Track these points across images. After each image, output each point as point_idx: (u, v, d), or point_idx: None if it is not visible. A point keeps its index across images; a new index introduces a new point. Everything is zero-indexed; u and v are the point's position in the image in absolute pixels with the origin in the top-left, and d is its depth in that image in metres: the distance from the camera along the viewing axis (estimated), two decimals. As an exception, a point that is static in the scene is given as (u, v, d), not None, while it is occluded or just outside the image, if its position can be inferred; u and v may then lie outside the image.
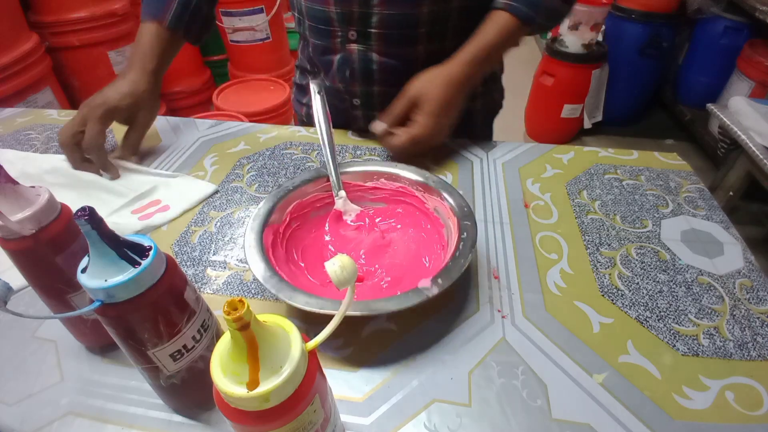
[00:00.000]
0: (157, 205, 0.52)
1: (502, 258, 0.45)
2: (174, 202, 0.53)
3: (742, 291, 0.42)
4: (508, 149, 0.62)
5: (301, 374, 0.22)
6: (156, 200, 0.53)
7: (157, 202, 0.53)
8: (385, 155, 0.60)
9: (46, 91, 1.47)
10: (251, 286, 0.43)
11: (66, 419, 0.33)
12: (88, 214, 0.23)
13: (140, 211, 0.52)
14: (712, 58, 1.88)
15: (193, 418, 0.33)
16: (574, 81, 1.91)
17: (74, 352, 0.37)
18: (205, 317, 0.30)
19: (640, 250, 0.46)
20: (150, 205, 0.53)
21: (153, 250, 0.25)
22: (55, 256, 0.30)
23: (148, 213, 0.51)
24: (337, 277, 0.23)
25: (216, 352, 0.22)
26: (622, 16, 1.92)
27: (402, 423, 0.32)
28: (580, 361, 0.36)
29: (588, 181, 0.55)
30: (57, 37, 1.53)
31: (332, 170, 0.48)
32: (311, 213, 0.48)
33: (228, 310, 0.19)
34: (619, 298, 0.41)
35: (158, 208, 0.52)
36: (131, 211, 0.52)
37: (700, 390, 0.34)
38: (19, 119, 0.71)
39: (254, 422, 0.22)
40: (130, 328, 0.26)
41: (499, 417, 0.32)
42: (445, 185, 0.46)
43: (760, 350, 0.37)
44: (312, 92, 0.52)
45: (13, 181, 0.29)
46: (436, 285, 0.35)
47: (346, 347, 0.37)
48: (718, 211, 0.51)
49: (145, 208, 0.52)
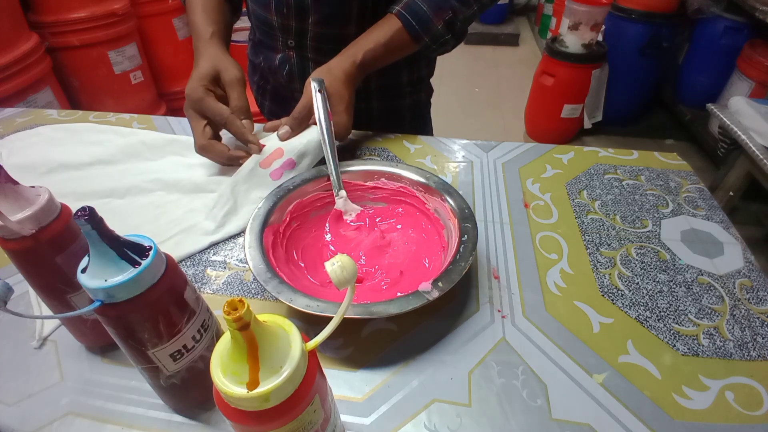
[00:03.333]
0: (281, 157, 0.51)
1: (502, 258, 0.45)
2: (297, 155, 0.51)
3: (742, 291, 0.42)
4: (508, 149, 0.62)
5: (301, 374, 0.22)
6: (279, 150, 0.52)
7: (280, 153, 0.52)
8: (385, 155, 0.60)
9: (46, 91, 1.47)
10: (251, 286, 0.43)
11: (66, 419, 0.33)
12: (88, 214, 0.23)
13: (267, 164, 0.51)
14: (712, 58, 1.88)
15: (193, 418, 0.33)
16: (574, 81, 1.91)
17: (74, 352, 0.37)
18: (205, 317, 0.30)
19: (640, 250, 0.46)
20: (274, 156, 0.51)
21: (153, 250, 0.25)
22: (55, 256, 0.30)
23: (275, 169, 0.51)
24: (337, 277, 0.23)
25: (216, 352, 0.22)
26: (622, 16, 1.92)
27: (402, 423, 0.32)
28: (580, 361, 0.36)
29: (588, 181, 0.55)
30: (57, 37, 1.53)
31: (333, 169, 0.48)
32: (311, 213, 0.48)
33: (228, 310, 0.19)
34: (619, 298, 0.41)
35: (284, 162, 0.51)
36: (259, 165, 0.51)
37: (700, 390, 0.34)
38: (19, 119, 0.71)
39: (254, 422, 0.22)
40: (130, 328, 0.26)
41: (499, 417, 0.32)
42: (446, 186, 0.46)
43: (760, 350, 0.37)
44: (312, 90, 0.52)
45: (13, 181, 0.28)
46: (437, 288, 0.35)
47: (346, 347, 0.37)
48: (718, 211, 0.51)
49: (270, 161, 0.51)
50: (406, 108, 0.74)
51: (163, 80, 1.94)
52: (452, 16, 0.57)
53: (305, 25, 0.61)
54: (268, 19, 0.63)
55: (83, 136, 0.63)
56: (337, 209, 0.48)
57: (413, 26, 0.56)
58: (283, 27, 0.62)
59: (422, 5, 0.56)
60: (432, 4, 0.56)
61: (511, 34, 3.09)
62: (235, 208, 0.50)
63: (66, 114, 0.72)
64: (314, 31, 0.61)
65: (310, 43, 0.63)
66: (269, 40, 0.67)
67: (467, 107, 2.42)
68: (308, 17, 0.60)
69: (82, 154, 0.58)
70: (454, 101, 2.44)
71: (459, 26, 0.59)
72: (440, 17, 0.57)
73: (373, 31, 0.57)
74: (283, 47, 0.65)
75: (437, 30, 0.57)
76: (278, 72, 0.67)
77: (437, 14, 0.56)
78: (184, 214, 0.50)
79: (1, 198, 0.28)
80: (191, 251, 0.46)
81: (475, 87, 2.62)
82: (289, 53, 0.65)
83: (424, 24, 0.56)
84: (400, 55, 0.60)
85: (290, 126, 0.53)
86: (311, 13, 0.60)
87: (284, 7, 0.60)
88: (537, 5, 3.17)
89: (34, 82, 1.42)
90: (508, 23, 3.18)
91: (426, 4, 0.56)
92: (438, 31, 0.57)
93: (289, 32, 0.63)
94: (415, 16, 0.56)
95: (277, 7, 0.61)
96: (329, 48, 0.60)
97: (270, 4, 0.61)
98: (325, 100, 0.51)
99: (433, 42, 0.58)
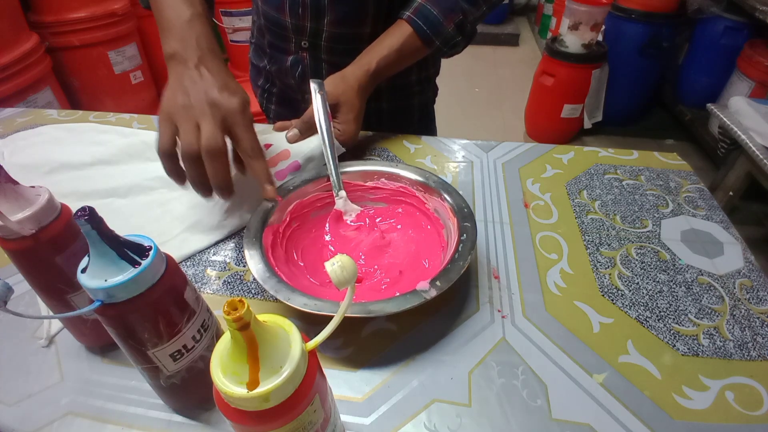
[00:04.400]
0: (288, 158, 0.51)
1: (502, 258, 0.45)
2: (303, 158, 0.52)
3: (742, 291, 0.42)
4: (508, 149, 0.62)
5: (301, 374, 0.22)
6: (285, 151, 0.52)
7: (287, 155, 0.52)
8: (385, 155, 0.60)
9: (46, 91, 1.47)
10: (251, 286, 0.43)
11: (66, 419, 0.33)
12: (88, 214, 0.23)
13: (273, 164, 0.51)
14: (712, 58, 1.88)
15: (193, 418, 0.33)
16: (574, 81, 1.91)
17: (74, 352, 0.37)
18: (205, 317, 0.30)
19: (640, 250, 0.46)
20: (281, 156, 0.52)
21: (153, 250, 0.25)
22: (55, 256, 0.30)
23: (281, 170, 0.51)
24: (336, 277, 0.23)
25: (216, 352, 0.22)
26: (622, 16, 1.92)
27: (402, 423, 0.32)
28: (580, 361, 0.36)
29: (588, 181, 0.55)
30: (57, 37, 1.54)
31: (332, 170, 0.48)
32: (311, 213, 0.48)
33: (228, 310, 0.19)
34: (619, 298, 0.41)
35: (289, 164, 0.51)
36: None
37: (700, 390, 0.34)
38: (19, 119, 0.71)
39: (254, 422, 0.22)
40: (130, 328, 0.26)
41: (499, 417, 0.32)
42: (446, 185, 0.46)
43: (760, 350, 0.37)
44: (312, 91, 0.52)
45: (13, 181, 0.28)
46: (435, 287, 0.35)
47: (346, 347, 0.37)
48: (718, 211, 0.51)
49: (276, 161, 0.51)
50: (415, 107, 0.74)
51: (163, 80, 1.93)
52: (462, 18, 0.57)
53: (320, 25, 0.60)
54: (281, 20, 0.62)
55: (85, 136, 0.63)
56: (337, 209, 0.48)
57: (425, 31, 0.56)
58: (297, 28, 0.62)
59: (432, 9, 0.56)
60: (442, 7, 0.56)
61: (511, 34, 3.09)
62: (238, 203, 0.50)
63: (66, 114, 0.72)
64: (329, 32, 0.61)
65: (324, 43, 0.62)
66: (281, 41, 0.66)
67: (467, 107, 2.42)
68: (324, 17, 0.60)
69: (84, 154, 0.58)
70: (454, 101, 2.44)
71: (469, 27, 0.59)
72: (451, 20, 0.56)
73: (385, 38, 0.57)
74: (296, 48, 0.64)
75: (448, 33, 0.57)
76: (289, 74, 0.67)
77: (448, 17, 0.56)
78: (187, 210, 0.50)
79: (1, 198, 0.28)
80: (197, 248, 0.46)
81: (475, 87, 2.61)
82: (302, 54, 0.64)
83: (436, 28, 0.56)
84: (411, 61, 0.60)
85: (299, 129, 0.53)
86: (327, 13, 0.59)
87: (299, 8, 0.60)
88: (537, 5, 3.16)
89: (34, 82, 1.42)
90: (508, 23, 3.18)
91: (436, 8, 0.56)
92: (449, 34, 0.57)
93: (304, 33, 0.62)
94: (426, 21, 0.56)
95: (292, 7, 0.60)
96: (343, 48, 0.60)
97: (284, 5, 0.61)
98: (325, 101, 0.51)
99: (444, 45, 0.58)
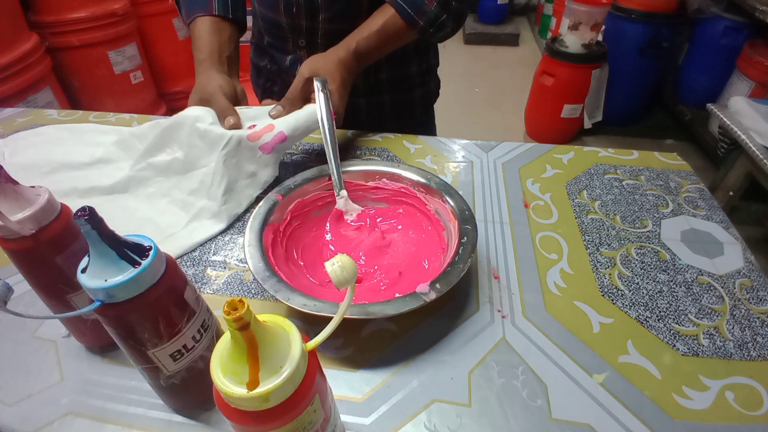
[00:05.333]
0: (272, 131, 0.51)
1: (502, 258, 0.45)
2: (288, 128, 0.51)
3: (742, 291, 0.42)
4: (508, 149, 0.62)
5: (301, 374, 0.22)
6: (269, 125, 0.52)
7: (271, 128, 0.51)
8: (385, 155, 0.60)
9: (46, 91, 1.47)
10: (251, 286, 0.43)
11: (66, 419, 0.33)
12: (88, 214, 0.23)
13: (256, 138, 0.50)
14: (712, 58, 1.88)
15: (193, 418, 0.33)
16: (574, 81, 1.90)
17: (74, 352, 0.37)
18: (205, 317, 0.30)
19: (640, 250, 0.46)
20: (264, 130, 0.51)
21: (153, 250, 0.25)
22: (55, 256, 0.30)
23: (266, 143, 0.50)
24: (336, 277, 0.23)
25: (216, 352, 0.22)
26: (622, 16, 1.92)
27: (402, 423, 0.32)
28: (580, 361, 0.36)
29: (588, 181, 0.55)
30: (57, 37, 1.53)
31: (334, 169, 0.47)
32: (312, 212, 0.48)
33: (228, 310, 0.19)
34: (619, 298, 0.41)
35: (274, 135, 0.50)
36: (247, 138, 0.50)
37: (700, 390, 0.34)
38: (19, 119, 0.71)
39: (254, 422, 0.22)
40: (130, 328, 0.26)
41: (499, 417, 0.32)
42: (447, 187, 0.46)
43: (760, 350, 0.37)
44: (315, 90, 0.52)
45: (13, 181, 0.28)
46: (434, 290, 0.35)
47: (346, 347, 0.37)
48: (718, 211, 0.51)
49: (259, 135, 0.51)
50: (417, 100, 0.74)
51: (163, 80, 1.94)
52: None
53: (316, 23, 0.61)
54: (277, 20, 0.63)
55: (85, 137, 0.63)
56: (338, 209, 0.48)
57: (405, 10, 0.56)
58: (293, 27, 0.62)
59: None
60: None
61: (511, 34, 3.09)
62: (232, 184, 0.50)
63: (66, 114, 0.72)
64: (325, 28, 0.61)
65: (320, 41, 0.62)
66: (278, 42, 0.66)
67: (467, 107, 2.42)
68: (319, 15, 0.60)
69: (83, 155, 0.58)
70: (454, 101, 2.44)
71: (455, 6, 0.58)
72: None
73: (368, 20, 0.58)
74: (294, 47, 0.65)
75: (431, 11, 0.56)
76: (289, 73, 0.67)
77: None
78: (187, 196, 0.51)
79: (1, 198, 0.28)
80: (206, 237, 0.48)
81: (475, 87, 2.61)
82: (300, 53, 0.65)
83: (417, 7, 0.56)
84: (398, 42, 0.59)
85: (282, 105, 0.53)
86: (322, 11, 0.60)
87: (293, 7, 0.60)
88: (537, 5, 3.16)
89: (34, 82, 1.42)
90: (508, 23, 3.18)
91: None
92: (432, 12, 0.57)
93: (300, 32, 0.63)
94: (407, 1, 0.56)
95: (286, 7, 0.61)
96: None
97: (278, 5, 0.61)
98: (327, 99, 0.51)
99: (429, 25, 0.57)
